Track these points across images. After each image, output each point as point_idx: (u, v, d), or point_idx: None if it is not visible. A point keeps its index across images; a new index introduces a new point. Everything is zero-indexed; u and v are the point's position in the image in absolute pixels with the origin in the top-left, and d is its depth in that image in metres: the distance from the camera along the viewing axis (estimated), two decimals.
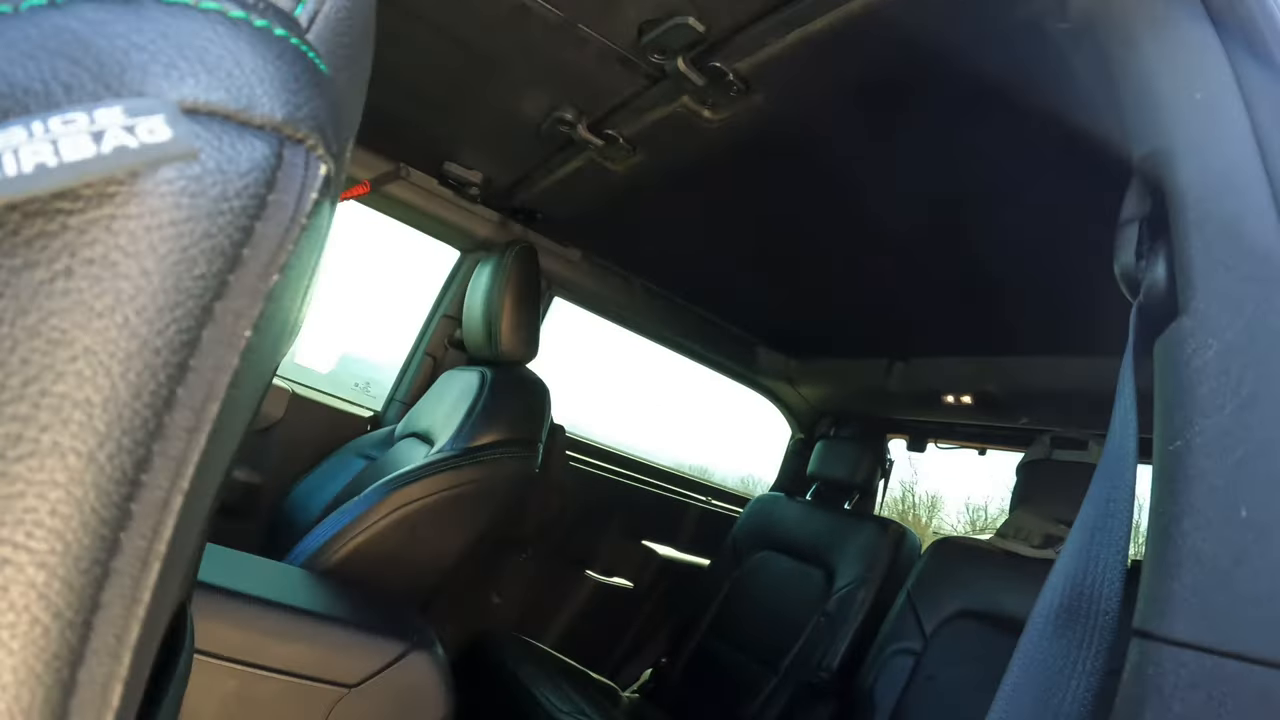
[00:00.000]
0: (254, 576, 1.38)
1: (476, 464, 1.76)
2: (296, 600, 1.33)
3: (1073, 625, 0.59)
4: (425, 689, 1.34)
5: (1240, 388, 0.51)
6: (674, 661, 2.67)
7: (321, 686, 1.27)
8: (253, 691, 1.23)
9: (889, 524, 2.42)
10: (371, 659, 1.30)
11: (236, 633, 1.23)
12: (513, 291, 1.97)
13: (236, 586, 1.28)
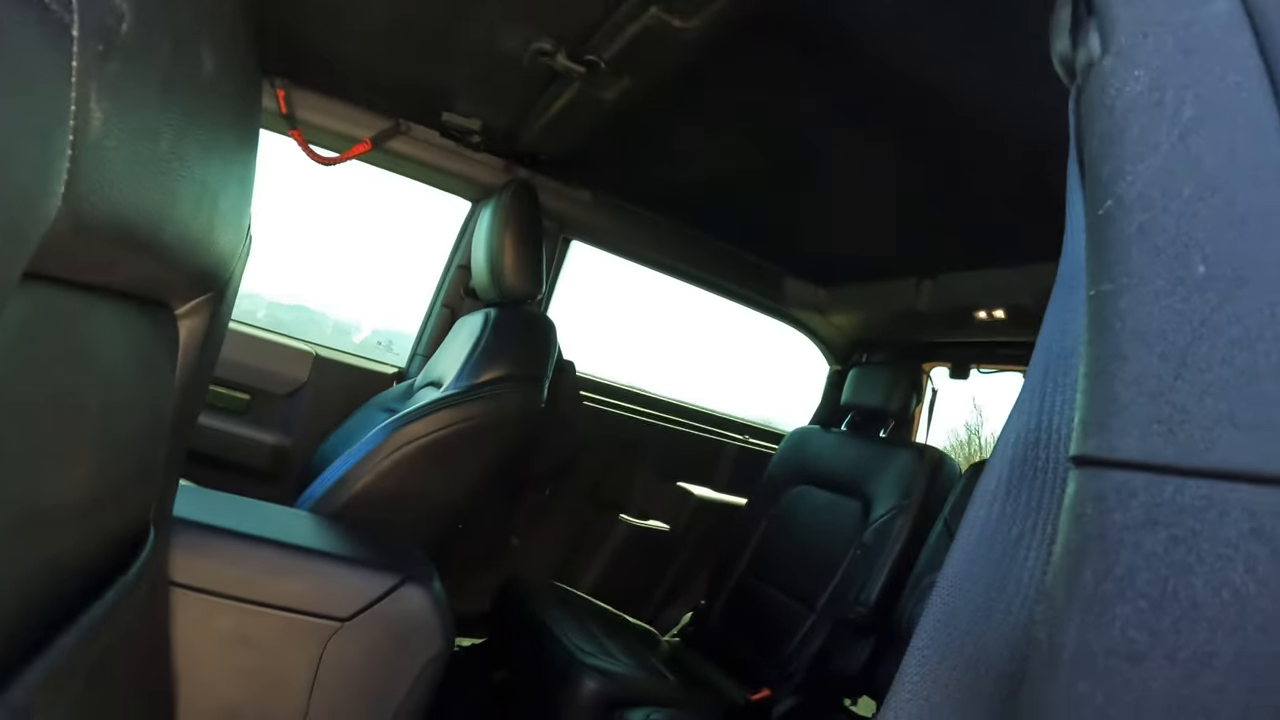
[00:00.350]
0: (254, 518, 1.36)
1: (478, 400, 1.72)
2: (293, 538, 1.31)
3: (1026, 483, 0.45)
4: (419, 621, 1.31)
5: (1179, 113, 0.37)
6: (713, 603, 2.63)
7: (315, 621, 1.25)
8: (249, 627, 1.23)
9: (925, 450, 2.34)
10: (364, 592, 1.28)
11: (232, 569, 1.22)
12: (512, 229, 1.93)
13: (235, 526, 1.27)
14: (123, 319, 0.63)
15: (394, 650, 1.30)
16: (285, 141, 2.21)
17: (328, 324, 3.99)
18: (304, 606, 1.25)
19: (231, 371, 2.28)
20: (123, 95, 0.44)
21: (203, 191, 0.62)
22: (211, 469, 2.22)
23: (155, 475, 0.83)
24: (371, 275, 4.09)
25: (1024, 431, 0.46)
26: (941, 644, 0.46)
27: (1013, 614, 0.42)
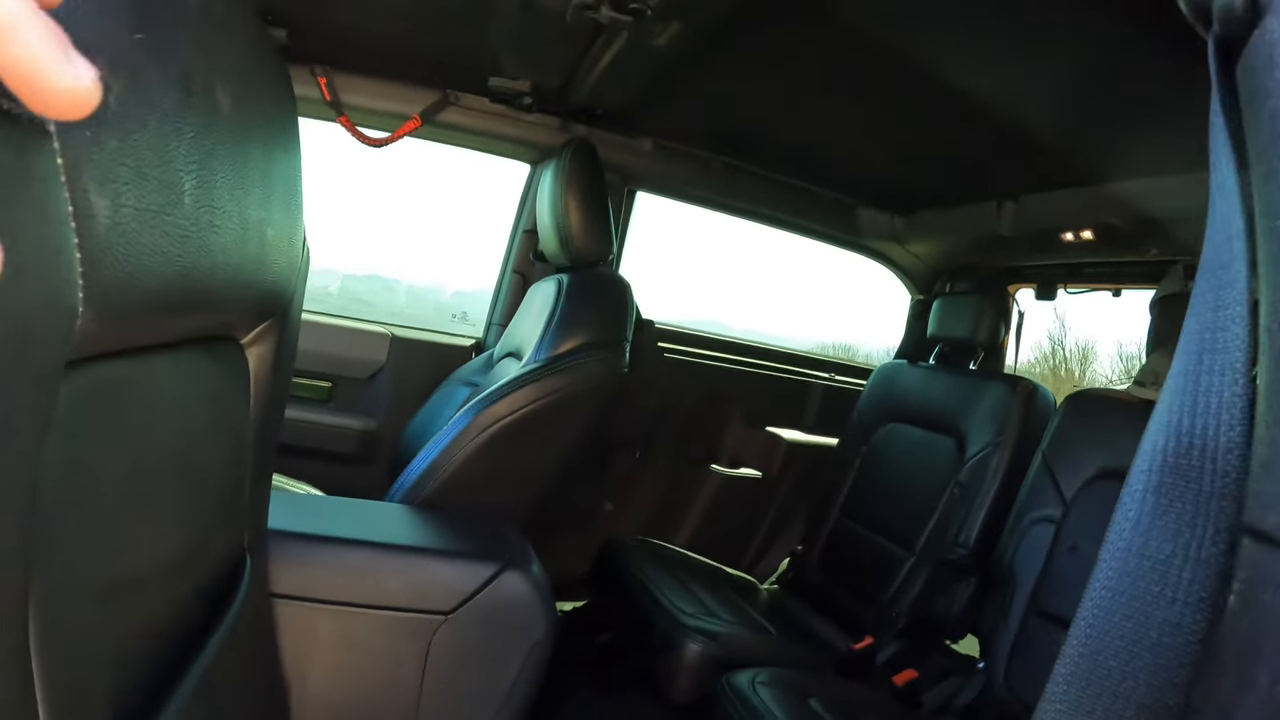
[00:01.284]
0: (347, 519, 1.38)
1: (560, 372, 1.70)
2: (388, 536, 1.32)
3: (1179, 495, 0.38)
4: (521, 607, 1.32)
5: None
6: (810, 548, 2.61)
7: (418, 616, 1.27)
8: (352, 630, 1.24)
9: (1018, 381, 2.26)
10: (464, 584, 1.29)
11: (331, 575, 1.24)
12: (575, 190, 1.88)
13: (328, 531, 1.28)
14: (188, 366, 0.62)
15: (498, 639, 1.31)
16: (334, 128, 2.20)
17: (401, 290, 4.01)
18: (405, 604, 1.26)
19: (311, 362, 2.31)
20: (125, 169, 0.42)
21: (244, 228, 0.61)
22: (303, 459, 2.26)
23: (243, 506, 0.84)
24: (441, 241, 4.11)
25: (1174, 429, 0.39)
26: (1084, 678, 0.41)
27: (1163, 661, 0.37)
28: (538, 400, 1.68)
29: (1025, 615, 1.89)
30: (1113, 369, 8.88)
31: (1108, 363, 9.00)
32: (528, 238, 2.46)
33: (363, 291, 3.73)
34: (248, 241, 0.62)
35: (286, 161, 0.75)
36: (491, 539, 1.45)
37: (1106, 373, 8.96)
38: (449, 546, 1.35)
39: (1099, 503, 1.86)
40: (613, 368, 1.78)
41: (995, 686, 1.87)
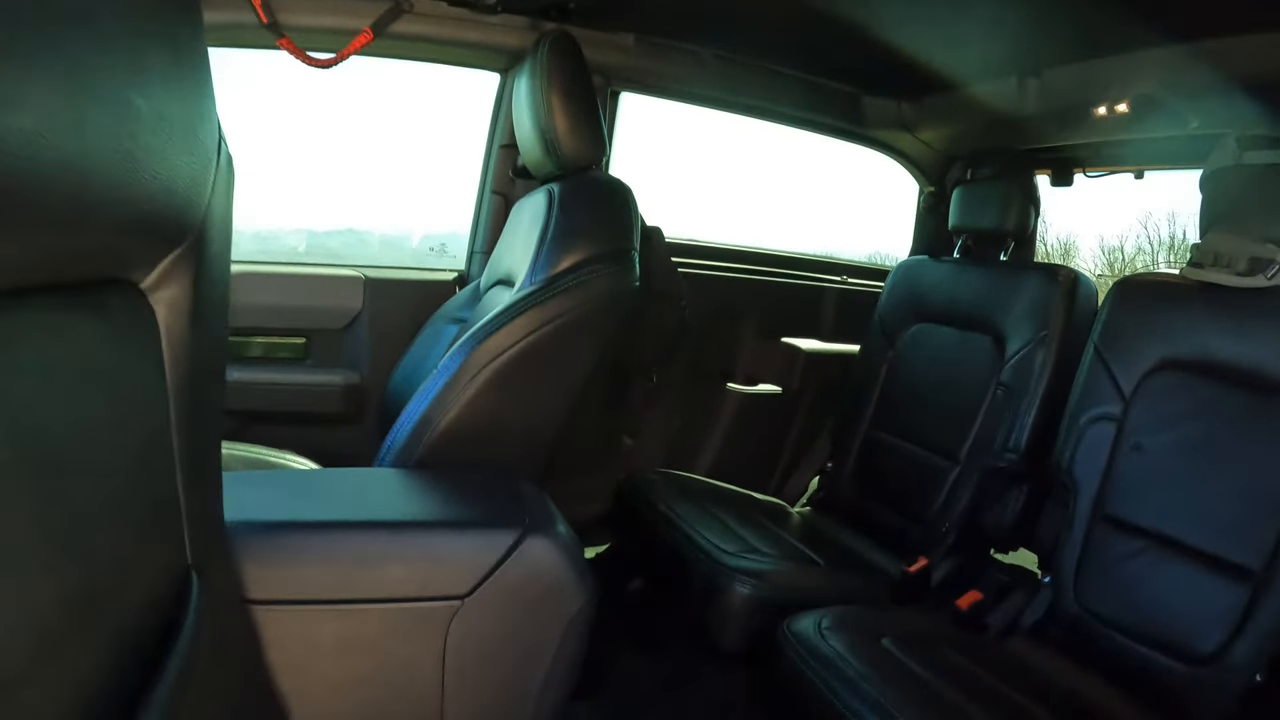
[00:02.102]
0: (329, 497, 1.19)
1: (562, 293, 1.50)
2: (381, 513, 1.14)
3: None
4: (551, 578, 1.14)
5: None
6: (840, 465, 2.45)
7: (430, 605, 1.09)
8: (356, 630, 1.08)
9: (1058, 270, 2.07)
10: (479, 560, 1.11)
11: (321, 570, 1.06)
12: (558, 87, 1.66)
13: (307, 516, 1.10)
14: (55, 325, 0.42)
15: (528, 618, 1.14)
16: (278, 55, 1.97)
17: (373, 240, 3.80)
18: (412, 593, 1.09)
19: (279, 317, 2.14)
20: None
21: (116, 110, 0.41)
22: (285, 425, 2.10)
23: (174, 507, 0.64)
24: (410, 179, 3.86)
25: None
26: None
27: None
28: (541, 327, 1.48)
29: (1090, 522, 1.74)
30: (1095, 262, 8.73)
31: (1089, 256, 8.87)
32: (505, 154, 2.25)
33: (335, 247, 3.52)
34: (121, 130, 0.42)
35: (179, 35, 0.54)
36: (505, 499, 1.26)
37: (1090, 266, 8.83)
38: (456, 516, 1.17)
39: (1162, 396, 1.70)
40: (622, 282, 1.58)
41: (1064, 601, 1.73)
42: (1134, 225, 7.47)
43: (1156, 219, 7.55)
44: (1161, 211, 7.19)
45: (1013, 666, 1.61)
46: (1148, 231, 7.52)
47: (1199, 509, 1.58)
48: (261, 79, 2.10)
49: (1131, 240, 8.04)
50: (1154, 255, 7.66)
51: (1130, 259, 8.22)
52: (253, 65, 2.07)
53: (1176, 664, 1.52)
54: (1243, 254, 1.60)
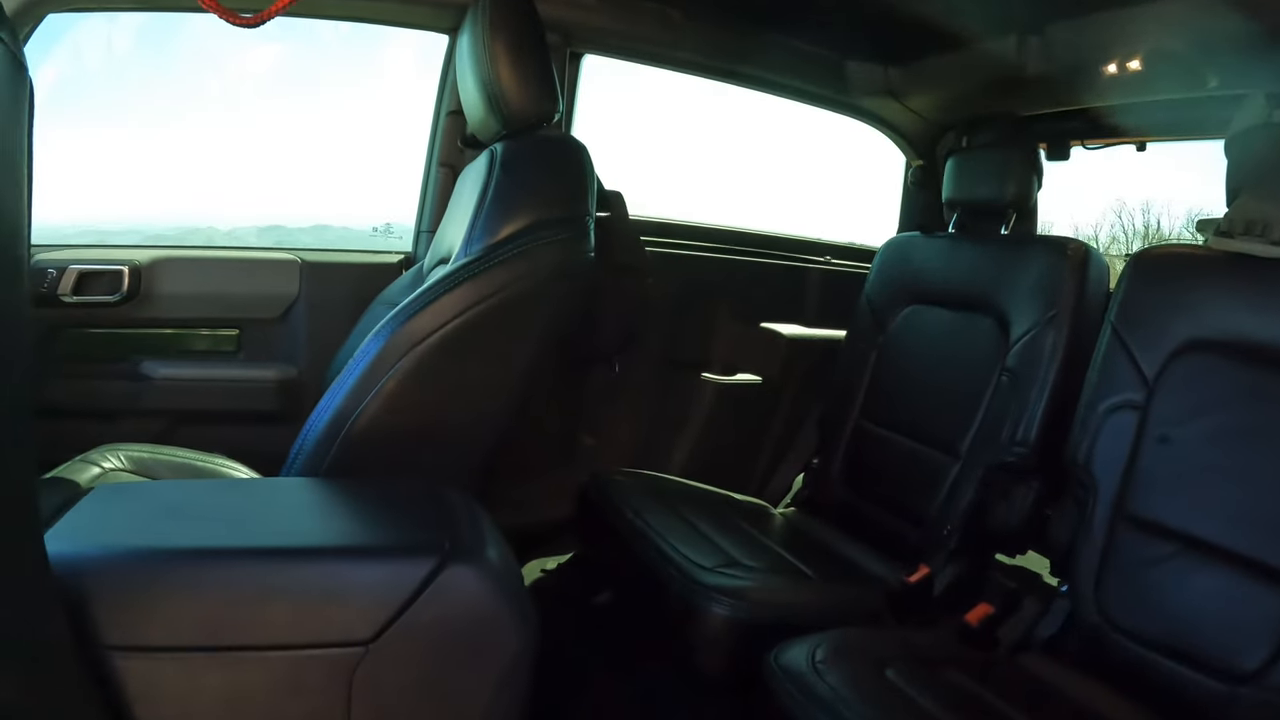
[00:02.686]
0: (212, 517, 0.98)
1: (502, 263, 1.31)
2: (267, 538, 0.94)
3: None
4: (478, 614, 0.93)
5: None
6: (828, 461, 2.26)
7: (327, 653, 0.89)
8: (243, 681, 0.87)
9: (1067, 243, 1.89)
10: (386, 595, 0.89)
11: (192, 609, 0.85)
12: (503, 35, 1.48)
13: (176, 542, 0.89)
14: None
15: (452, 665, 0.94)
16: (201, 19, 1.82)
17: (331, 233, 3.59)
18: (304, 638, 0.88)
19: (208, 306, 1.98)
20: None
21: None
22: (216, 425, 1.94)
23: None
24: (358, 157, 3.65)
25: None
26: None
27: None
28: (476, 305, 1.29)
29: (1111, 522, 1.55)
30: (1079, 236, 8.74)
31: (1069, 230, 8.87)
32: (453, 121, 2.08)
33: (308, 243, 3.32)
34: None
35: None
36: (423, 517, 1.05)
37: None
38: (357, 541, 0.97)
39: (1190, 382, 1.51)
40: (574, 250, 1.40)
41: (1084, 612, 1.54)
42: (1108, 214, 7.41)
43: (1131, 208, 7.52)
44: (1135, 201, 7.15)
45: (1031, 689, 1.43)
46: (1122, 221, 7.47)
47: (1235, 508, 1.40)
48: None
49: (1106, 230, 7.99)
50: (1129, 245, 7.62)
51: (1105, 248, 8.20)
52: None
53: (1214, 682, 1.34)
54: (1279, 220, 1.43)
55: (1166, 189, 5.49)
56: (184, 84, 2.51)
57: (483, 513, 1.10)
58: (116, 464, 1.40)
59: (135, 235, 2.62)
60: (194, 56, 2.25)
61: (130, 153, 2.57)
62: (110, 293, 1.84)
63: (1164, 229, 6.56)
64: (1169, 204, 5.89)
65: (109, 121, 2.51)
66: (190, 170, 2.81)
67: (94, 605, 0.81)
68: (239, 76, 2.57)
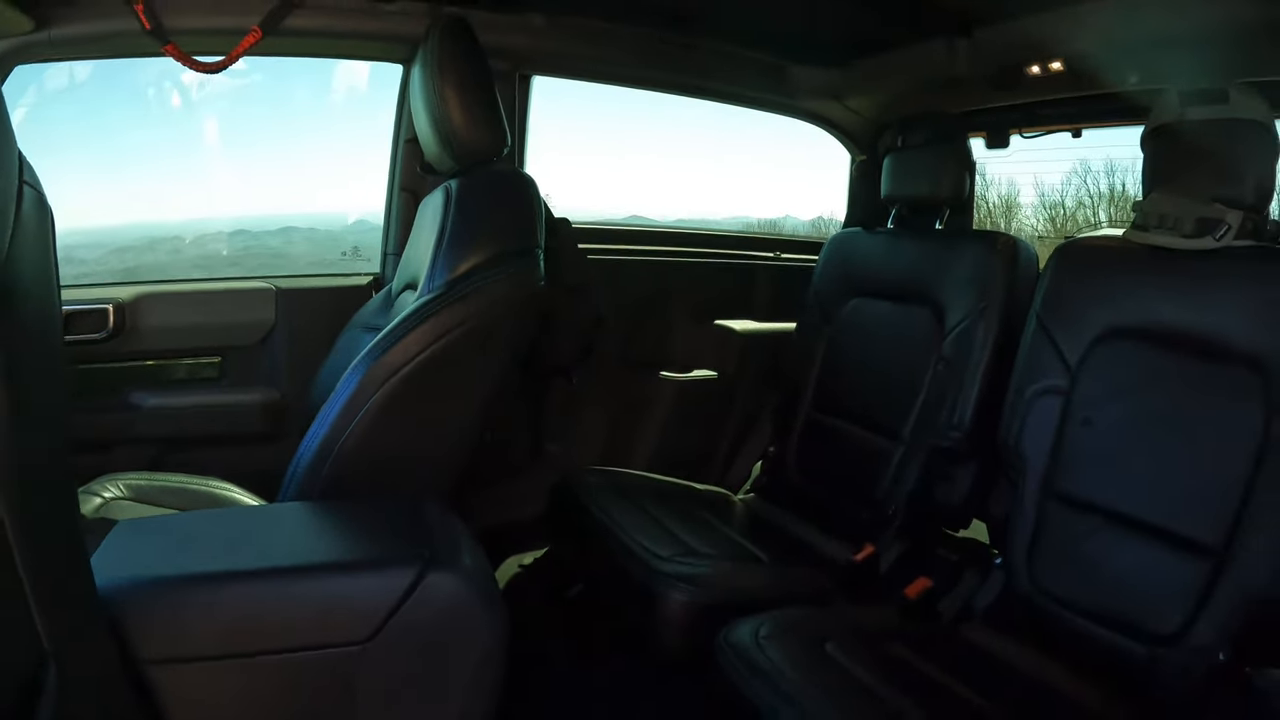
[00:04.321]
0: (222, 544, 1.09)
1: (462, 299, 1.41)
2: (273, 559, 1.05)
3: None
4: (457, 615, 1.05)
5: None
6: (783, 449, 2.36)
7: (330, 653, 1.00)
8: (252, 685, 0.99)
9: (997, 237, 2.00)
10: (378, 600, 1.01)
11: (209, 625, 0.97)
12: (450, 76, 1.56)
13: (196, 568, 1.00)
14: None
15: (437, 658, 1.05)
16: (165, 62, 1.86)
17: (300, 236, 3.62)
18: (309, 641, 1.00)
19: (188, 337, 2.04)
20: None
21: None
22: (206, 449, 2.01)
23: (15, 597, 0.58)
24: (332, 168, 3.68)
25: None
26: None
27: None
28: (441, 338, 1.39)
29: (1041, 500, 1.67)
30: (1037, 218, 8.77)
31: (1030, 213, 8.91)
32: (411, 148, 2.13)
33: (277, 245, 3.35)
34: None
35: None
36: (406, 532, 1.16)
37: (1033, 223, 8.87)
38: (350, 556, 1.09)
39: (1110, 367, 1.62)
40: (526, 282, 1.49)
41: (1018, 583, 1.66)
42: (1073, 179, 7.47)
43: (1095, 171, 7.58)
44: (1099, 163, 7.20)
45: (967, 658, 1.54)
46: (1087, 185, 7.53)
47: (1153, 484, 1.51)
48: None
49: (1071, 194, 8.05)
50: (1094, 208, 7.69)
51: (1071, 213, 8.26)
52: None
53: (1138, 645, 1.46)
54: (1189, 215, 1.52)
55: (1127, 148, 5.47)
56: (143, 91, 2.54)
57: (458, 522, 1.21)
58: (116, 493, 1.49)
59: (100, 249, 2.65)
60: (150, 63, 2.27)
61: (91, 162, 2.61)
62: (97, 330, 1.89)
63: (1129, 189, 6.61)
64: (1133, 164, 5.88)
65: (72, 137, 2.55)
66: (151, 177, 2.84)
67: (131, 626, 0.91)
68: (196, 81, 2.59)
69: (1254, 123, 1.49)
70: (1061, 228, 7.81)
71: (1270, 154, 1.51)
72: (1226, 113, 1.50)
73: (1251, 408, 1.42)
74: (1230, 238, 1.49)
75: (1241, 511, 1.39)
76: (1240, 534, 1.39)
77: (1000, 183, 8.67)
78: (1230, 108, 1.50)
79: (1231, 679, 1.33)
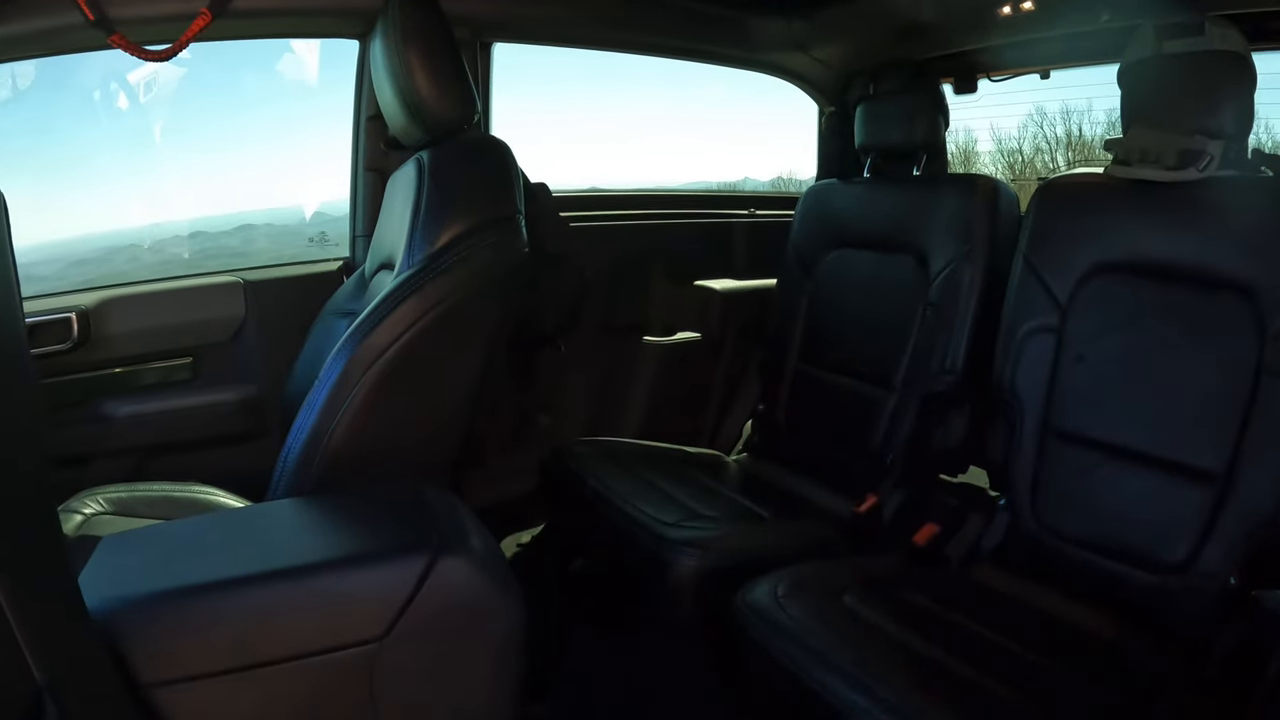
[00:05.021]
0: (218, 550, 1.05)
1: (445, 272, 1.36)
2: (275, 560, 1.00)
3: None
4: (472, 598, 1.02)
5: None
6: (772, 406, 2.35)
7: (346, 654, 0.96)
8: (274, 694, 0.94)
9: (976, 179, 1.98)
10: (391, 594, 0.97)
11: (219, 637, 0.92)
12: (414, 45, 1.50)
13: (194, 578, 0.95)
14: None
15: (457, 646, 1.02)
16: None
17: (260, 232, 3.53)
18: (324, 644, 0.95)
19: (157, 340, 1.96)
20: None
21: None
22: (186, 453, 1.94)
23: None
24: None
25: None
26: None
27: None
28: (425, 315, 1.34)
29: (1040, 438, 1.67)
30: (995, 165, 8.78)
31: (989, 160, 8.90)
32: (374, 126, 2.06)
33: (234, 245, 3.26)
34: None
35: None
36: (410, 519, 1.12)
37: (991, 170, 8.85)
38: (357, 550, 1.04)
39: (1100, 302, 1.63)
40: (509, 250, 1.45)
41: (1024, 521, 1.67)
42: (1029, 125, 7.46)
43: (1052, 116, 7.58)
44: (1055, 108, 7.21)
45: (981, 599, 1.54)
46: (1044, 131, 7.53)
47: (1151, 415, 1.53)
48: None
49: (1029, 141, 8.03)
50: (1052, 154, 7.69)
51: (1030, 159, 8.25)
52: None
53: (1147, 575, 1.48)
54: (1171, 147, 1.52)
55: (1084, 93, 5.53)
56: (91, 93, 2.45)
57: (461, 505, 1.18)
58: (97, 508, 1.43)
59: (57, 263, 2.57)
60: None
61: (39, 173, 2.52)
62: (61, 341, 1.81)
63: (1086, 134, 6.63)
64: (1089, 109, 5.93)
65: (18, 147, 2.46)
66: (102, 184, 2.75)
67: (130, 649, 0.86)
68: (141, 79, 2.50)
69: (1231, 54, 1.49)
70: (1021, 173, 7.82)
71: (1248, 85, 1.51)
72: (1204, 45, 1.49)
73: (1244, 335, 1.43)
74: (1213, 168, 1.50)
75: (1241, 437, 1.41)
76: (1241, 459, 1.40)
77: (957, 131, 8.68)
78: (1207, 40, 1.49)
79: (1242, 603, 1.34)
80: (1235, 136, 1.51)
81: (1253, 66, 1.51)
